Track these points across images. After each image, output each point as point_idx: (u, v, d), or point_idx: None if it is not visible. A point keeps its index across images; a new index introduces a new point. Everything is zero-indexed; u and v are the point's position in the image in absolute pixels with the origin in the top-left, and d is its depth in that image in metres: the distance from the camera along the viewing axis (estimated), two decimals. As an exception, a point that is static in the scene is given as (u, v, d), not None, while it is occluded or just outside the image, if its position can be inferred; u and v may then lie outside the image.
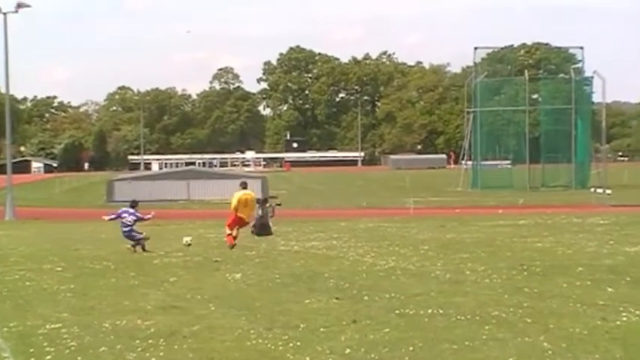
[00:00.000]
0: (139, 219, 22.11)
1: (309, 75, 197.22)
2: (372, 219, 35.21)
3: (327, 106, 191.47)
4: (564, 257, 19.31)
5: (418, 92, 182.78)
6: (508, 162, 76.80)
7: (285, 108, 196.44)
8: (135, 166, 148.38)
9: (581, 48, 77.27)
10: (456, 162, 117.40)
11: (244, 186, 24.08)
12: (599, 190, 48.54)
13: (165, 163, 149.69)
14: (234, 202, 23.28)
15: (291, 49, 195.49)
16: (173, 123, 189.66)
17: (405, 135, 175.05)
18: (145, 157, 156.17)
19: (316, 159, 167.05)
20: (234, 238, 22.73)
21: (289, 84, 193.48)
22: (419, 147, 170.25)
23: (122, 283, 16.30)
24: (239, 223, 23.07)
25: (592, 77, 70.59)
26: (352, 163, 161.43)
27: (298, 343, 10.62)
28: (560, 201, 49.21)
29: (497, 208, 43.07)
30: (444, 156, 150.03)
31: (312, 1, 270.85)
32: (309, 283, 15.77)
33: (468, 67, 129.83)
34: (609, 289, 14.30)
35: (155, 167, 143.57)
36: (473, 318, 11.93)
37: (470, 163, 73.14)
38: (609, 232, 25.88)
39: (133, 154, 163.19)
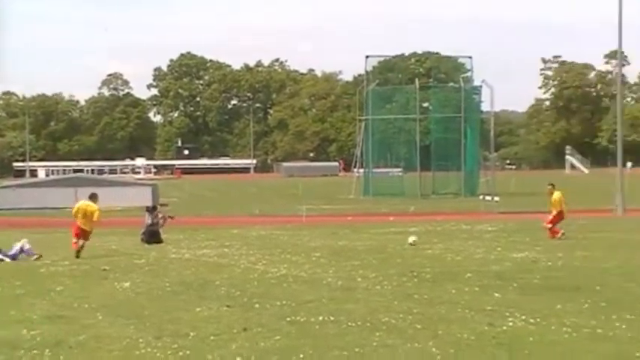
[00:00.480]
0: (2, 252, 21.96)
1: (201, 81, 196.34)
2: (264, 227, 35.13)
3: (218, 113, 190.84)
4: (453, 264, 19.57)
5: (310, 100, 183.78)
6: (399, 170, 77.61)
7: (176, 115, 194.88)
8: (20, 174, 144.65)
9: (470, 57, 78.89)
10: (346, 169, 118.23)
11: (90, 196, 23.46)
12: (488, 198, 49.62)
13: (53, 170, 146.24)
14: (73, 210, 23.05)
15: (182, 55, 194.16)
16: (60, 129, 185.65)
17: (298, 142, 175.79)
18: (31, 164, 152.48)
19: (208, 166, 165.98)
20: (81, 247, 22.43)
21: (180, 90, 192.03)
22: (311, 154, 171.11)
23: (7, 293, 15.80)
24: (79, 232, 22.63)
25: (480, 86, 72.21)
26: (244, 170, 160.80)
27: (188, 352, 10.45)
28: (450, 208, 50.04)
29: (388, 216, 43.55)
30: (336, 164, 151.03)
31: (204, 8, 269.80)
32: (200, 291, 15.57)
33: (359, 75, 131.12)
34: (496, 295, 14.53)
35: (42, 174, 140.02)
36: (364, 325, 11.94)
37: (362, 170, 73.74)
38: (497, 239, 26.37)
39: (18, 160, 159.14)
